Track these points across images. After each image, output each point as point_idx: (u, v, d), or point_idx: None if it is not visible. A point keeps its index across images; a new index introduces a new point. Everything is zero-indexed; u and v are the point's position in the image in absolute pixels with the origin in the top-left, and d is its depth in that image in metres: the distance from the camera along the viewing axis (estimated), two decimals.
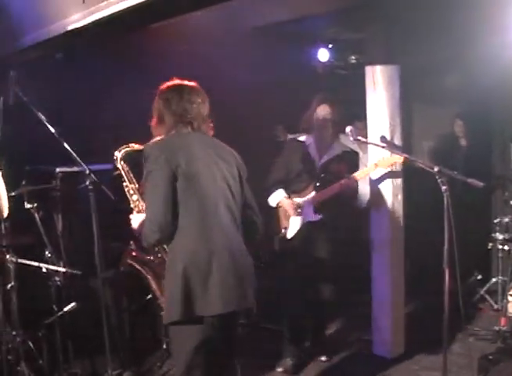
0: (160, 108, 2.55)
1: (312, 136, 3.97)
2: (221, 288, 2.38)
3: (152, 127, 2.60)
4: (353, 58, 5.80)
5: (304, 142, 4.00)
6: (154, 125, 2.59)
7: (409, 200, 4.18)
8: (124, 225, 2.64)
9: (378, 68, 3.98)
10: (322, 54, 5.75)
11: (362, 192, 4.01)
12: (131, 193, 2.66)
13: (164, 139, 2.53)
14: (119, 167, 2.68)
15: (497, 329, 4.17)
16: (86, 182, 3.28)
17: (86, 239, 3.37)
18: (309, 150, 3.96)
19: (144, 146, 2.54)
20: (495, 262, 5.13)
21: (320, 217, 3.85)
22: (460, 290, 3.18)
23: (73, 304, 3.40)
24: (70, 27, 3.27)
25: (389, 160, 3.83)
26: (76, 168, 3.57)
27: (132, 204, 2.66)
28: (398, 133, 4.04)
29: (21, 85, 3.28)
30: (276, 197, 3.94)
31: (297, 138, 4.08)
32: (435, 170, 3.14)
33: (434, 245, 3.35)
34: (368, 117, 4.09)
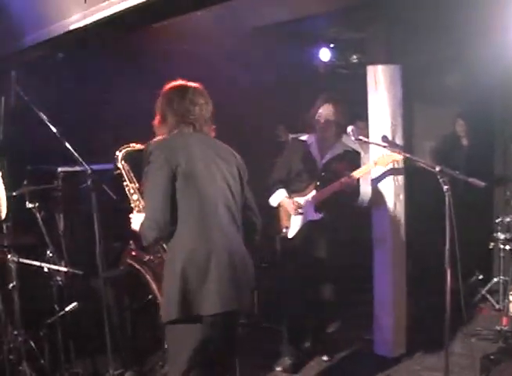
0: (163, 108, 2.57)
1: (314, 136, 3.97)
2: (218, 288, 2.38)
3: (154, 126, 2.62)
4: (354, 57, 5.81)
5: (305, 142, 3.99)
6: (157, 124, 2.61)
7: (410, 200, 4.18)
8: (125, 225, 2.64)
9: (380, 68, 3.98)
10: (324, 54, 5.74)
11: (364, 191, 4.01)
12: (132, 192, 2.67)
13: (165, 139, 2.54)
14: (119, 166, 2.69)
15: (499, 329, 4.16)
16: (88, 182, 3.28)
17: (88, 238, 3.38)
18: (311, 149, 3.95)
19: (146, 145, 2.55)
20: (497, 261, 5.12)
21: (321, 216, 3.85)
22: (462, 290, 3.18)
23: (74, 304, 3.40)
24: (71, 27, 3.27)
25: (388, 158, 3.81)
26: (77, 167, 3.56)
27: (132, 204, 2.67)
28: (399, 133, 4.04)
29: (22, 85, 3.28)
30: (277, 197, 3.94)
31: (299, 137, 4.09)
32: (437, 170, 3.13)
33: (436, 245, 3.35)
34: (369, 116, 4.09)
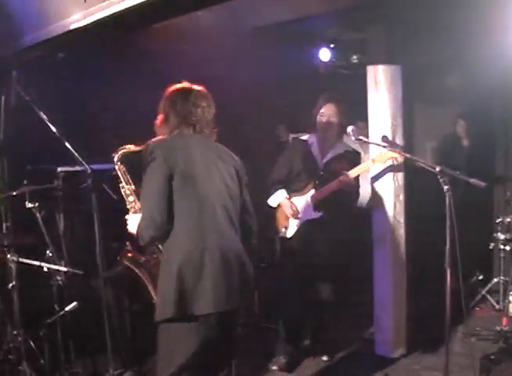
0: (166, 109, 2.60)
1: (316, 135, 3.96)
2: (213, 287, 2.39)
3: (156, 126, 2.64)
4: (355, 58, 5.80)
5: (306, 142, 3.99)
6: (159, 124, 2.63)
7: (410, 200, 4.18)
8: (123, 225, 2.65)
9: (380, 68, 3.98)
10: (324, 54, 5.74)
11: (364, 192, 4.00)
12: (128, 193, 2.68)
13: (165, 139, 2.57)
14: (116, 168, 2.71)
15: (499, 329, 4.16)
16: (88, 182, 3.28)
17: (88, 238, 3.38)
18: (311, 148, 3.95)
19: (145, 145, 2.56)
20: (497, 262, 5.13)
21: (320, 214, 3.85)
22: (462, 290, 3.17)
23: (74, 303, 3.39)
24: (71, 27, 3.27)
25: (386, 155, 3.81)
26: (78, 167, 3.56)
27: (128, 205, 2.67)
28: (399, 133, 4.04)
29: (22, 85, 3.28)
30: (277, 198, 3.93)
31: (300, 137, 4.09)
32: (437, 170, 3.13)
33: (436, 245, 3.34)
34: (370, 117, 4.09)
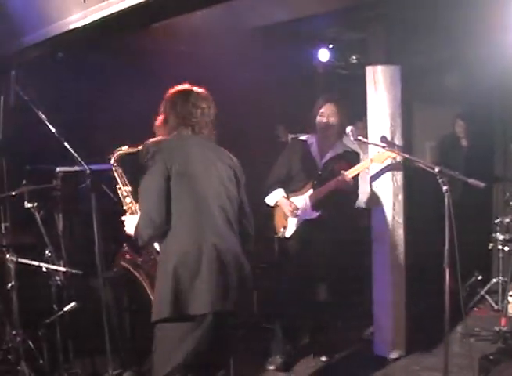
0: (166, 110, 2.62)
1: (315, 136, 3.96)
2: (209, 287, 2.40)
3: (156, 126, 2.66)
4: (354, 58, 5.80)
5: (305, 142, 3.99)
6: (159, 125, 2.65)
7: (409, 200, 4.18)
8: (121, 226, 2.65)
9: (379, 68, 3.98)
10: (323, 54, 5.74)
11: (362, 192, 4.00)
12: (125, 195, 2.69)
13: (163, 139, 2.58)
14: (112, 170, 2.71)
15: (497, 329, 4.16)
16: (87, 182, 3.27)
17: (87, 238, 3.37)
18: (311, 149, 3.95)
19: (142, 145, 2.57)
20: (496, 262, 5.13)
21: (318, 214, 3.84)
22: (461, 290, 3.18)
23: (73, 303, 3.38)
24: (71, 27, 3.26)
25: (384, 155, 3.81)
26: (76, 167, 3.56)
27: (125, 206, 2.69)
28: (398, 133, 4.04)
29: (21, 85, 3.28)
30: (275, 197, 3.93)
31: (299, 137, 4.09)
32: (436, 170, 3.14)
33: (435, 245, 3.35)
34: (368, 117, 4.09)
